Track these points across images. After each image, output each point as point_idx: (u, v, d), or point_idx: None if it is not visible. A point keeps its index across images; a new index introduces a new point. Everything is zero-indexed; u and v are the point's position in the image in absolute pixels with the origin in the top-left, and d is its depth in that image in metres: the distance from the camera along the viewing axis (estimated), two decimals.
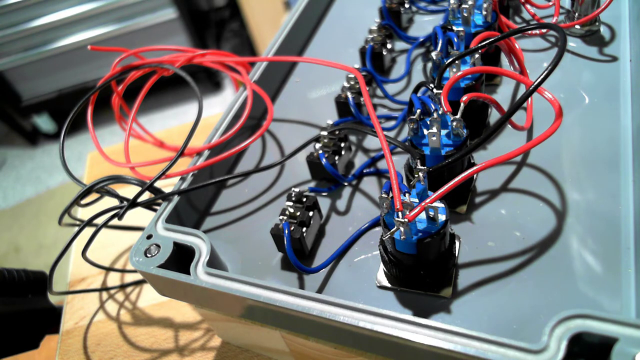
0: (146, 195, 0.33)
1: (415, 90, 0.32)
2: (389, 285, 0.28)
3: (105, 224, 0.33)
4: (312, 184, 0.35)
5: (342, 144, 0.34)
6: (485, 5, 0.35)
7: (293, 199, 0.31)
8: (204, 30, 1.61)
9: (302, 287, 0.29)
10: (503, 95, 0.37)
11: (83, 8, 1.38)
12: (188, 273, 0.27)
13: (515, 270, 0.27)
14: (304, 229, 0.29)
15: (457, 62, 0.31)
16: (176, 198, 0.32)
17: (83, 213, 0.43)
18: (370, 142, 0.37)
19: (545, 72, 0.25)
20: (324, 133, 0.34)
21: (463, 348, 0.21)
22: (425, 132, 0.28)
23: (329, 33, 0.49)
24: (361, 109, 0.37)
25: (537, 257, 0.27)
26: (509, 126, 0.32)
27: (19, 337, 0.45)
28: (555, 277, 0.26)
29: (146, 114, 1.68)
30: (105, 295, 0.45)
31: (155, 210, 0.35)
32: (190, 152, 0.35)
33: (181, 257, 0.29)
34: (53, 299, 0.46)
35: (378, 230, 0.31)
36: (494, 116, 0.35)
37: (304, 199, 0.31)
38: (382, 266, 0.28)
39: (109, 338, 0.41)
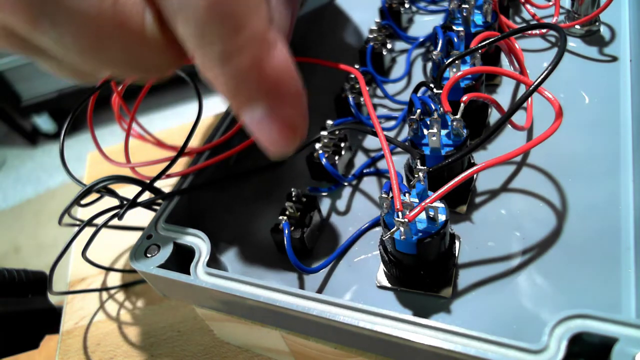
0: (146, 195, 0.33)
1: (415, 90, 0.32)
2: (389, 285, 0.28)
3: (105, 224, 0.33)
4: (312, 184, 0.35)
5: (342, 144, 0.34)
6: (485, 6, 0.35)
7: (293, 199, 0.31)
8: None
9: (302, 287, 0.29)
10: (503, 95, 0.37)
11: None
12: (188, 273, 0.27)
13: (515, 270, 0.27)
14: (304, 229, 0.29)
15: (457, 62, 0.31)
16: (176, 198, 0.32)
17: (83, 213, 0.43)
18: (370, 142, 0.37)
19: (545, 72, 0.25)
20: (324, 133, 0.34)
21: (463, 348, 0.21)
22: (425, 132, 0.28)
23: (329, 33, 0.49)
24: (361, 109, 0.37)
25: (537, 257, 0.27)
26: (509, 126, 0.32)
27: (19, 337, 0.45)
28: (555, 277, 0.26)
29: (146, 114, 1.68)
30: (105, 295, 0.45)
31: (155, 210, 0.35)
32: (190, 152, 0.35)
33: (181, 257, 0.29)
34: (53, 299, 0.46)
35: (378, 230, 0.31)
36: (494, 116, 0.35)
37: (304, 199, 0.31)
38: (382, 266, 0.28)
39: (109, 338, 0.41)
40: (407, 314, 0.23)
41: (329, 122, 0.36)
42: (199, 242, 0.28)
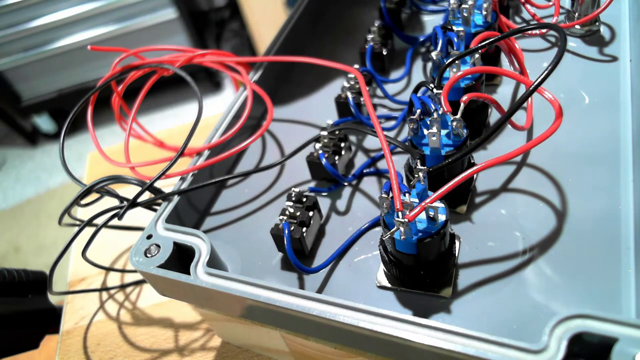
0: (146, 195, 0.33)
1: (415, 90, 0.32)
2: (389, 285, 0.28)
3: (105, 224, 0.33)
4: (312, 184, 0.35)
5: (342, 144, 0.34)
6: (485, 5, 0.35)
7: (293, 199, 0.31)
8: (204, 30, 1.61)
9: (302, 287, 0.29)
10: (503, 95, 0.37)
11: (83, 8, 1.38)
12: (188, 273, 0.27)
13: (515, 270, 0.27)
14: (304, 229, 0.29)
15: (457, 62, 0.31)
16: (176, 198, 0.32)
17: (83, 213, 0.43)
18: (370, 142, 0.37)
19: (545, 72, 0.25)
20: (324, 133, 0.34)
21: (463, 348, 0.21)
22: (425, 132, 0.28)
23: (329, 33, 0.49)
24: (361, 109, 0.37)
25: (537, 257, 0.27)
26: (509, 126, 0.32)
27: (19, 337, 0.45)
28: (555, 277, 0.26)
29: (146, 114, 1.68)
30: (105, 295, 0.45)
31: (155, 210, 0.35)
32: (190, 152, 0.35)
33: (181, 257, 0.29)
34: (53, 299, 0.46)
35: (378, 230, 0.31)
36: (494, 116, 0.35)
37: (304, 199, 0.31)
38: (382, 266, 0.28)
39: (109, 338, 0.41)
40: (407, 314, 0.23)
41: (329, 122, 0.36)
42: (199, 242, 0.28)
